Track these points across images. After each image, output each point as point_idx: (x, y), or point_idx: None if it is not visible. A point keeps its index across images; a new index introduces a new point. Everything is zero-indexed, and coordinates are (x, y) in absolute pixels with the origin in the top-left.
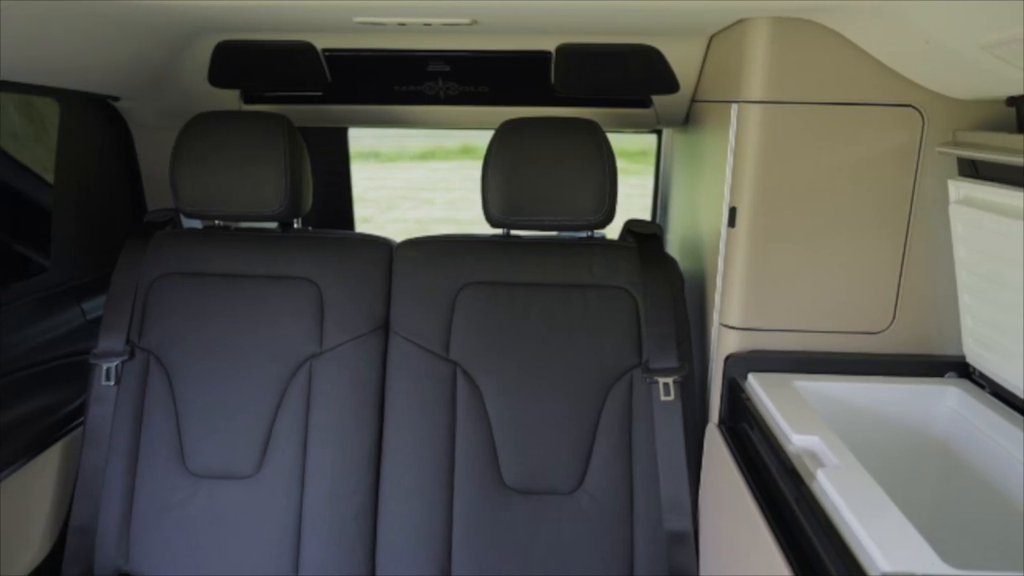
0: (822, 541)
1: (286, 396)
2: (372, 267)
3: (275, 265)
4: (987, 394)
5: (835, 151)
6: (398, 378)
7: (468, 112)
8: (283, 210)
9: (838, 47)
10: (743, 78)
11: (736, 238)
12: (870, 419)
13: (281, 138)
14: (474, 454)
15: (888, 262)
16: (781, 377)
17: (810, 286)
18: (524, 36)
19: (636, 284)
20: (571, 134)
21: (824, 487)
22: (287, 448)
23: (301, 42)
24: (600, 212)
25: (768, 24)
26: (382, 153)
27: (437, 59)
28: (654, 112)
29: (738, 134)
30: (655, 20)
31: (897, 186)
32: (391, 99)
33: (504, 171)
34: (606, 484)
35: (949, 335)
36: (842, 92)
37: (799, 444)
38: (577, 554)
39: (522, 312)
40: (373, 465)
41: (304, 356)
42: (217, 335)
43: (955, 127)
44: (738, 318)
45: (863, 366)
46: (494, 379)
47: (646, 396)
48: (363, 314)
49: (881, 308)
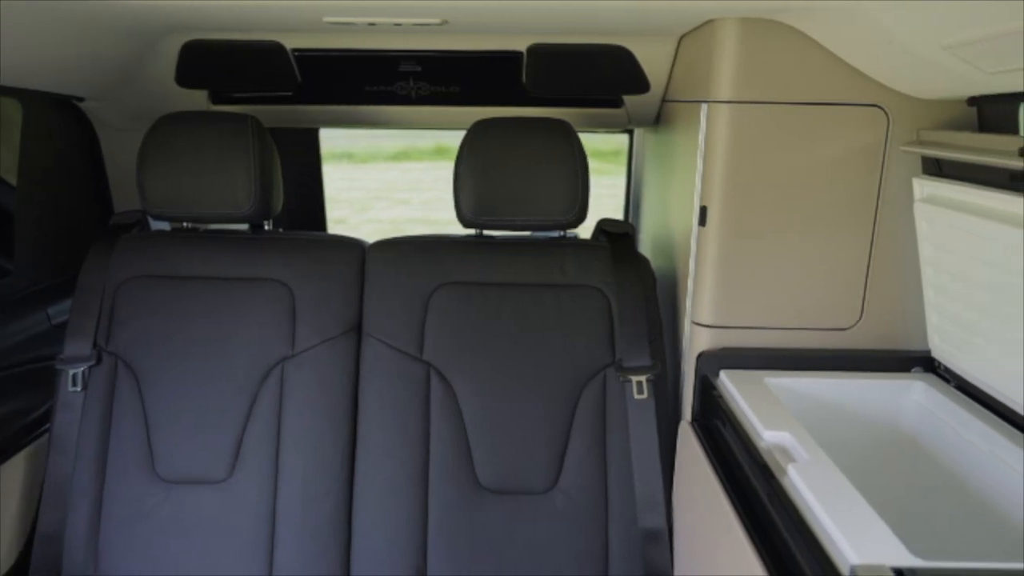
0: (793, 535)
1: (258, 399)
2: (344, 268)
3: (245, 267)
4: (952, 388)
5: (803, 150)
6: (371, 380)
7: (440, 112)
8: (253, 211)
9: (805, 48)
10: (712, 78)
11: (707, 237)
12: (839, 414)
13: (250, 138)
14: (448, 455)
15: (855, 259)
16: (752, 374)
17: (780, 284)
18: (495, 36)
19: (609, 283)
20: (543, 134)
21: (795, 482)
22: (259, 452)
23: (270, 42)
24: (572, 212)
25: (736, 25)
26: (355, 154)
27: (408, 59)
28: (625, 112)
29: (708, 134)
30: (625, 20)
31: (863, 185)
32: (362, 99)
33: (476, 171)
34: (581, 483)
35: (915, 331)
36: (809, 92)
37: (770, 440)
38: (552, 553)
39: (495, 312)
40: (347, 467)
41: (276, 359)
42: (187, 338)
43: (919, 126)
44: (709, 316)
45: (832, 362)
46: (468, 380)
47: (620, 395)
48: (335, 316)
49: (849, 305)
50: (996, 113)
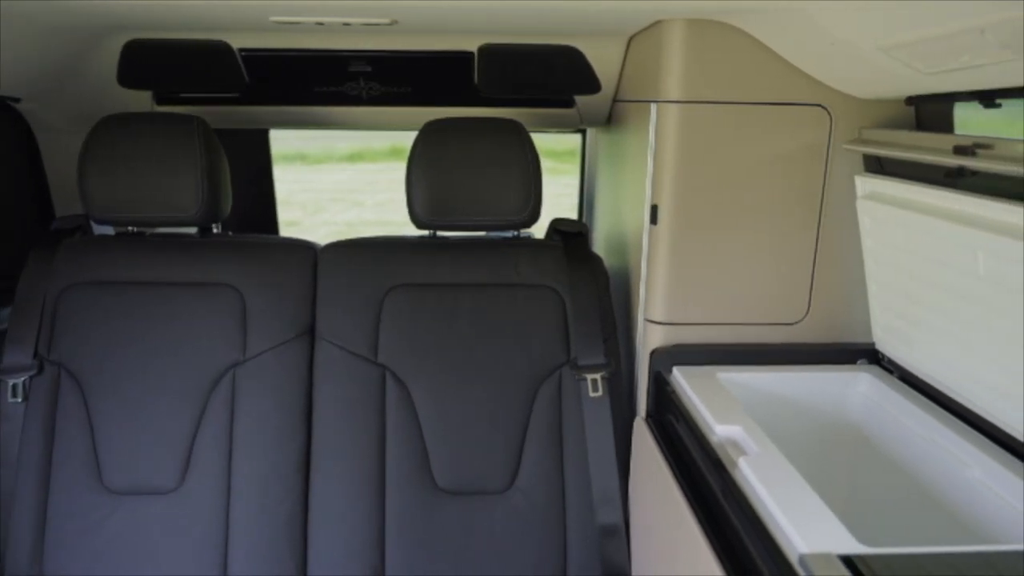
0: (745, 526)
1: (208, 406)
2: (296, 271)
3: (194, 271)
4: (895, 379)
5: (749, 149)
6: (325, 384)
7: (391, 113)
8: (201, 215)
9: (750, 49)
10: (661, 78)
11: (658, 235)
12: (789, 406)
13: (196, 140)
14: (405, 457)
15: (802, 255)
16: (704, 369)
17: (729, 280)
18: (446, 36)
19: (562, 283)
20: (494, 134)
21: (745, 474)
22: (211, 459)
23: (216, 41)
24: (525, 212)
25: (683, 26)
26: (309, 155)
27: (358, 59)
28: (577, 112)
29: (657, 133)
30: (574, 21)
31: (808, 182)
32: (311, 100)
33: (428, 172)
34: (538, 482)
35: (860, 324)
36: (755, 92)
37: (722, 434)
38: (511, 552)
39: (450, 313)
40: (302, 473)
41: (226, 364)
42: (133, 346)
43: (861, 126)
44: (662, 313)
45: (781, 356)
46: (423, 381)
47: (575, 393)
48: (287, 320)
49: (796, 300)
50: (932, 112)
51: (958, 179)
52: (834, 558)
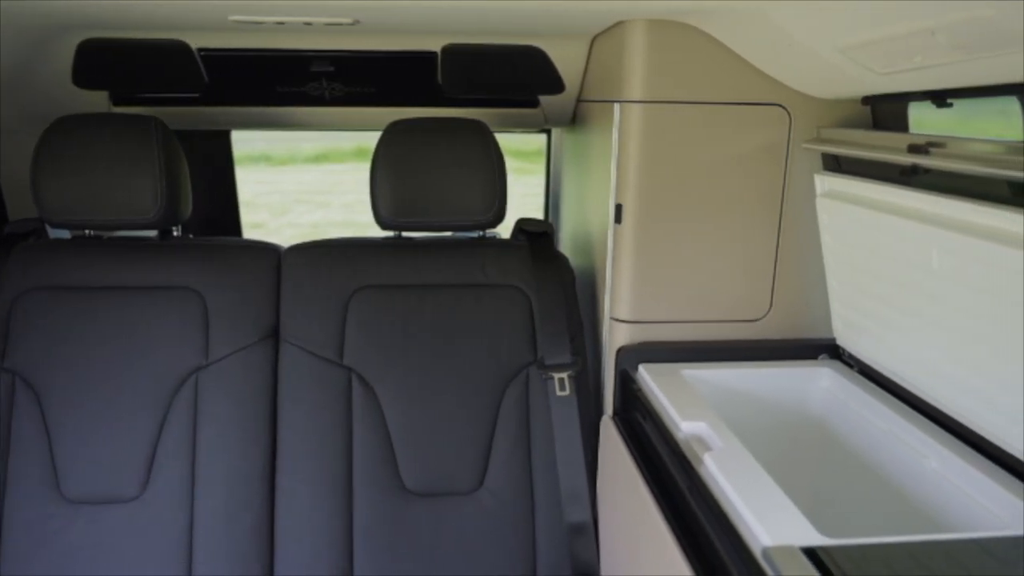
0: (710, 521)
1: (171, 412)
2: (259, 274)
3: (154, 275)
4: (856, 373)
5: (711, 148)
6: (291, 387)
7: (355, 113)
8: (160, 217)
9: (711, 49)
10: (623, 78)
11: (623, 234)
12: (753, 401)
13: (153, 141)
14: (372, 460)
15: (763, 253)
16: (670, 367)
17: (693, 278)
18: (409, 36)
19: (528, 282)
20: (459, 135)
21: (711, 470)
22: (174, 466)
23: (174, 41)
24: (490, 212)
25: (645, 26)
26: (273, 156)
27: (321, 59)
28: (542, 112)
29: (621, 133)
30: (537, 21)
31: (769, 181)
32: (273, 100)
33: (392, 173)
34: (506, 481)
35: (821, 320)
36: (715, 92)
37: (687, 430)
38: (481, 552)
39: (416, 314)
40: (267, 477)
41: (189, 369)
42: (91, 352)
43: (819, 125)
44: (627, 312)
45: (745, 352)
46: (390, 383)
47: (542, 392)
48: (251, 323)
49: (759, 297)
50: (888, 112)
51: (912, 177)
52: (796, 550)
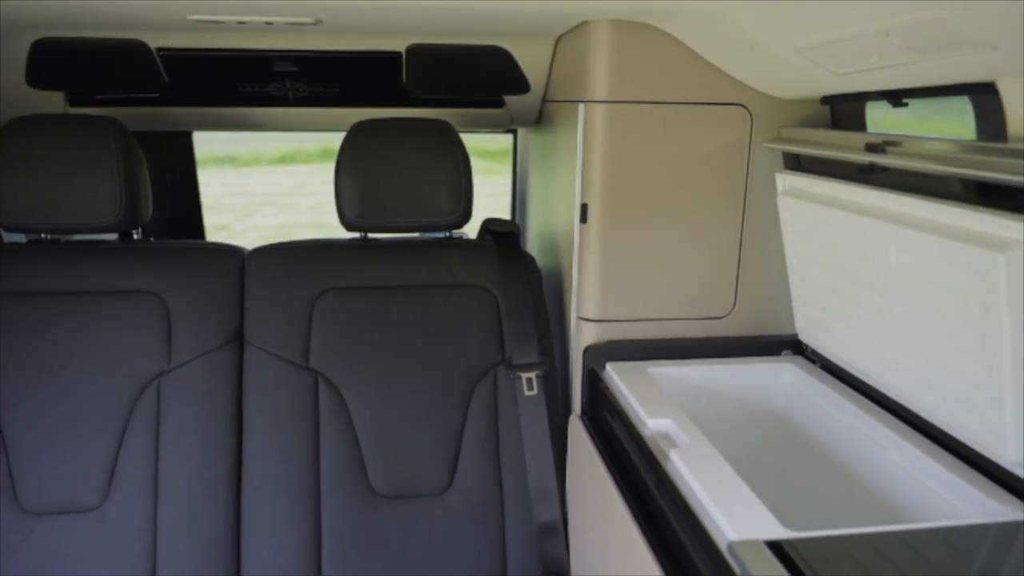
0: (677, 517)
1: (132, 419)
2: (221, 277)
3: (114, 279)
4: (818, 368)
5: (675, 148)
6: (256, 391)
7: (319, 114)
8: (119, 220)
9: (674, 50)
10: (588, 79)
11: (588, 234)
12: (718, 398)
13: (112, 142)
14: (340, 463)
15: (727, 251)
16: (636, 365)
17: (659, 277)
18: (373, 36)
19: (495, 282)
20: (423, 135)
21: (677, 466)
22: (136, 474)
23: (132, 40)
24: (456, 212)
25: (608, 27)
26: (238, 157)
27: (283, 59)
28: (507, 112)
29: (585, 133)
30: (501, 21)
31: (732, 180)
32: (235, 101)
33: (357, 174)
34: (475, 482)
35: (784, 316)
36: (678, 92)
37: (654, 428)
38: (451, 553)
39: (383, 316)
40: (233, 483)
41: (151, 375)
42: (49, 358)
43: (780, 124)
44: (594, 311)
45: (710, 349)
46: (357, 385)
47: (510, 392)
48: (214, 327)
49: (723, 294)
50: (846, 111)
51: (870, 175)
52: (761, 544)
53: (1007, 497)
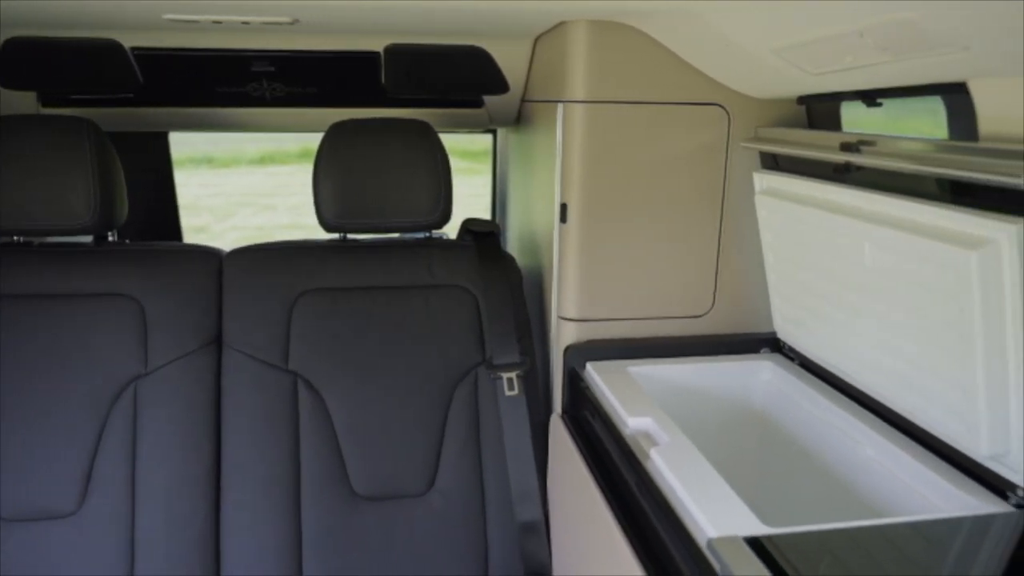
0: (657, 515)
1: (108, 423)
2: (199, 279)
3: (88, 282)
4: (796, 365)
5: (653, 148)
6: (235, 393)
7: (297, 114)
8: (94, 222)
9: (651, 50)
10: (566, 79)
11: (568, 233)
12: (697, 396)
13: (85, 143)
14: (320, 465)
15: (706, 250)
16: (616, 364)
17: (638, 276)
18: (350, 36)
19: (475, 282)
20: (402, 135)
21: (657, 465)
22: (113, 479)
23: (106, 40)
24: (436, 212)
25: (586, 27)
26: (216, 158)
27: (261, 59)
28: (486, 112)
29: (564, 133)
30: (479, 21)
31: (710, 179)
32: (212, 101)
33: (335, 174)
34: (457, 482)
35: (762, 314)
36: (656, 92)
37: (634, 426)
38: (432, 554)
39: (362, 317)
40: (212, 486)
41: (127, 378)
42: (22, 362)
43: (757, 124)
44: (574, 310)
45: (689, 347)
46: (337, 387)
47: (491, 392)
48: (191, 329)
49: (702, 293)
50: (822, 111)
51: (845, 174)
52: (740, 541)
53: (981, 491)
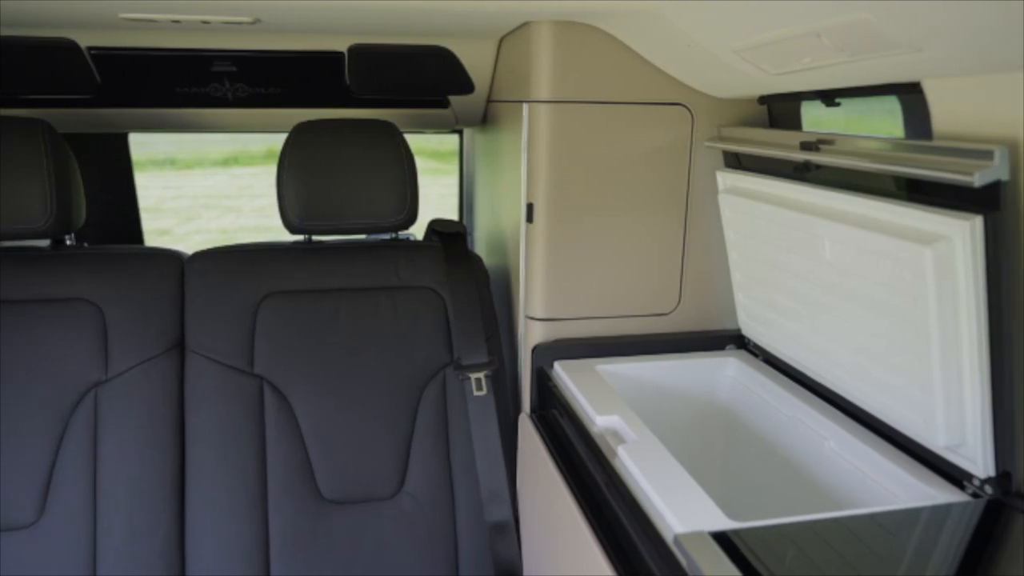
0: (625, 513)
1: (68, 431)
2: (160, 282)
3: (45, 287)
4: (760, 361)
5: (618, 147)
6: (198, 399)
7: (261, 115)
8: (50, 226)
9: (615, 50)
10: (531, 79)
11: (535, 233)
12: (664, 393)
13: (41, 145)
14: (287, 470)
15: (672, 248)
16: (584, 363)
17: (605, 275)
18: (313, 36)
19: (442, 283)
20: (367, 136)
21: (624, 462)
22: (73, 488)
23: (61, 39)
24: (402, 213)
25: (550, 27)
26: (179, 159)
27: (222, 59)
28: (452, 113)
29: (530, 133)
30: (443, 22)
31: (674, 178)
32: (172, 102)
33: (300, 175)
34: (426, 484)
35: (727, 311)
36: (621, 92)
37: (602, 425)
38: (402, 557)
39: (329, 319)
40: (176, 494)
41: (87, 385)
42: None
43: (719, 123)
44: (542, 310)
45: (656, 345)
46: (303, 390)
47: (460, 393)
48: (153, 334)
49: (668, 291)
50: (782, 110)
51: (805, 172)
52: (706, 535)
53: (938, 480)
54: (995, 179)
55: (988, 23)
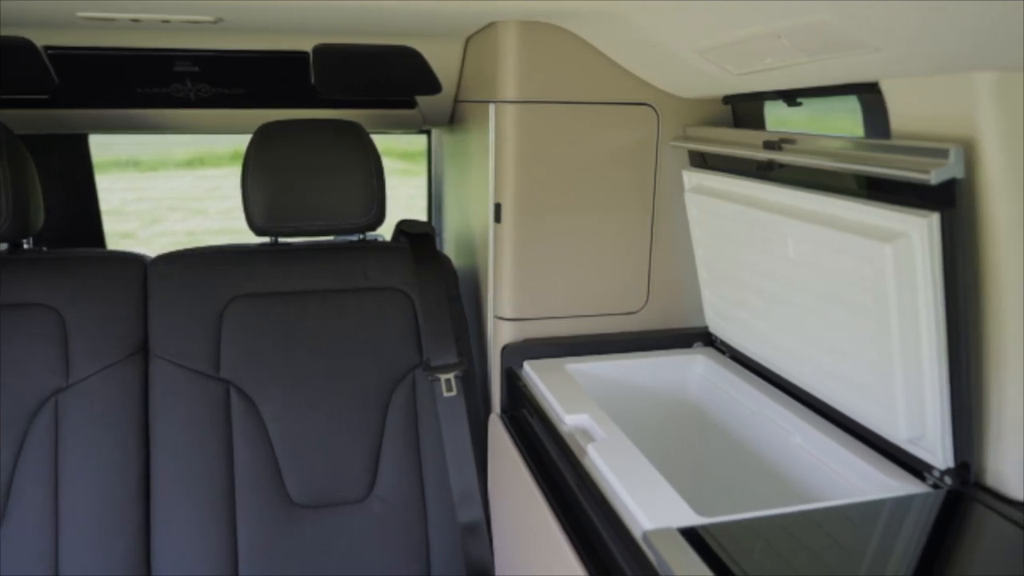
0: (595, 511)
1: (28, 439)
2: (122, 286)
3: (2, 292)
4: (727, 359)
5: (585, 147)
6: (163, 404)
7: (225, 115)
8: (7, 229)
9: (581, 50)
10: (497, 79)
11: (503, 233)
12: (633, 391)
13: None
14: (255, 475)
15: (639, 247)
16: (553, 362)
17: (573, 275)
18: (277, 36)
19: (411, 284)
20: (333, 136)
21: (594, 460)
22: (32, 498)
23: (16, 38)
24: (370, 214)
25: (516, 28)
26: (143, 161)
27: (184, 59)
28: (419, 113)
29: (497, 133)
30: (408, 22)
31: (641, 177)
32: (133, 102)
33: (265, 177)
34: (397, 486)
35: (695, 309)
36: (587, 92)
37: (571, 423)
38: (373, 560)
39: (296, 322)
40: (141, 500)
41: (47, 392)
42: None
43: (685, 123)
44: (511, 310)
45: (625, 344)
46: (271, 394)
47: (429, 394)
48: (115, 339)
49: (636, 290)
50: (746, 110)
51: (769, 171)
52: (674, 532)
53: (900, 472)
54: (951, 177)
55: (943, 24)
